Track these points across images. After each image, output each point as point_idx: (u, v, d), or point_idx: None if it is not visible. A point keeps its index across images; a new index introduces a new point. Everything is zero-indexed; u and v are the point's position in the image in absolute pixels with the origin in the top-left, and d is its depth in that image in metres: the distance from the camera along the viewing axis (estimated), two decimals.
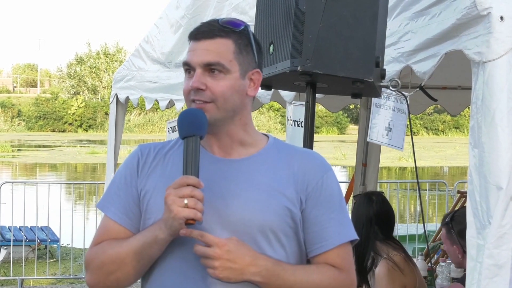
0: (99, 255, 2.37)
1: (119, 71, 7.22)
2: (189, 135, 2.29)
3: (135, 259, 2.31)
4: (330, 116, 58.41)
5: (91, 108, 59.89)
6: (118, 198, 2.42)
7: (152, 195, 2.37)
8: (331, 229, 2.39)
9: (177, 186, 2.23)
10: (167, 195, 2.23)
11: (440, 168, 31.23)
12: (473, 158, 2.93)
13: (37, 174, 27.12)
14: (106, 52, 68.50)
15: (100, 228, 2.44)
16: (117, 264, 2.33)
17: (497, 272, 2.83)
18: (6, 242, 10.34)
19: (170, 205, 2.22)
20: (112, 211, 2.41)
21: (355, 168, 7.58)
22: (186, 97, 2.40)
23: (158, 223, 2.28)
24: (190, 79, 2.37)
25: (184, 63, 2.40)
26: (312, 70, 3.10)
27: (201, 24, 2.43)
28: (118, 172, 2.49)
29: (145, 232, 2.32)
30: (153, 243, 2.29)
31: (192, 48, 2.39)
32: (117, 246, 2.34)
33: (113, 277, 2.34)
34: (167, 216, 2.24)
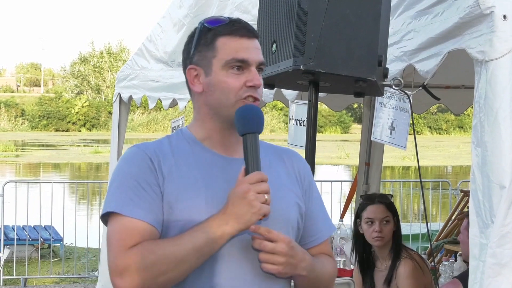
0: (145, 256, 2.22)
1: (122, 70, 7.22)
2: (253, 132, 2.32)
3: (195, 257, 2.23)
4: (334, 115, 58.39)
5: (95, 107, 59.96)
6: (141, 198, 2.29)
7: (178, 197, 2.31)
8: (322, 222, 2.56)
9: (255, 181, 2.25)
10: (247, 191, 2.23)
11: (444, 167, 31.21)
12: (476, 157, 2.93)
13: (40, 174, 27.15)
14: (110, 51, 68.57)
15: (124, 231, 2.27)
16: (174, 264, 2.22)
17: (500, 271, 2.82)
18: (10, 241, 10.34)
19: (252, 201, 2.23)
20: (138, 212, 2.27)
21: (358, 167, 7.57)
22: (234, 93, 2.37)
23: (222, 218, 2.24)
24: (239, 76, 2.37)
25: (239, 59, 2.37)
26: (315, 69, 3.10)
27: (242, 22, 2.43)
28: (125, 173, 2.35)
29: (204, 228, 2.24)
30: (219, 238, 2.24)
31: (245, 46, 2.38)
32: (171, 245, 2.23)
33: (164, 278, 2.23)
34: (245, 211, 2.23)
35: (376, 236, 4.67)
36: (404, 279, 4.56)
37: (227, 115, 2.38)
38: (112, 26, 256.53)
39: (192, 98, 2.49)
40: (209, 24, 2.42)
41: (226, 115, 2.39)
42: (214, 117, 2.42)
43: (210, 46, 2.40)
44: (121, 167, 2.37)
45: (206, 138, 2.42)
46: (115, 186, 2.35)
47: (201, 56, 2.41)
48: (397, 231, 4.76)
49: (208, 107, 2.42)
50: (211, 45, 2.39)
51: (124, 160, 2.39)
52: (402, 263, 4.61)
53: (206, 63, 2.40)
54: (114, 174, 2.38)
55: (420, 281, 4.58)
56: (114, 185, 2.35)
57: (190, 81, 2.45)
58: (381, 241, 4.69)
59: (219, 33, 2.39)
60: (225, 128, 2.41)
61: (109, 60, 67.69)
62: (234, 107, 2.36)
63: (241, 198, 2.23)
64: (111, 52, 68.55)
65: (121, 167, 2.37)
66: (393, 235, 4.73)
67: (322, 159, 30.55)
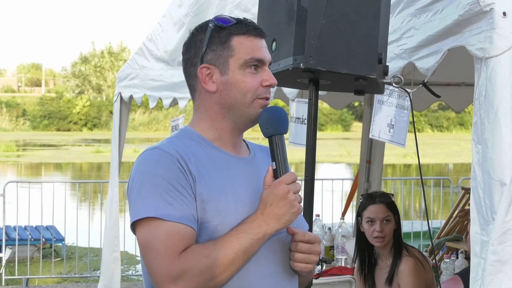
0: (200, 261, 2.22)
1: (122, 69, 7.22)
2: (280, 133, 2.38)
3: (242, 258, 2.27)
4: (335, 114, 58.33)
5: (96, 107, 59.95)
6: (179, 201, 2.26)
7: (209, 199, 2.30)
8: (301, 220, 2.58)
9: (291, 181, 2.31)
10: (288, 191, 2.29)
11: (445, 165, 31.21)
12: (476, 154, 2.93)
13: (42, 174, 27.17)
14: (111, 51, 68.56)
15: (170, 236, 2.23)
16: (225, 266, 2.24)
17: (501, 268, 2.82)
18: (12, 241, 10.35)
19: (293, 201, 2.29)
20: (181, 216, 2.25)
21: (359, 165, 7.58)
22: (252, 93, 2.39)
23: (261, 218, 2.28)
24: (256, 75, 2.40)
25: (257, 59, 2.40)
26: (315, 67, 3.09)
27: (251, 21, 2.45)
28: (157, 176, 2.28)
29: (247, 230, 2.27)
30: (261, 239, 2.28)
31: (260, 45, 2.42)
32: (222, 248, 2.24)
33: (215, 281, 2.24)
34: (286, 210, 2.28)
35: (377, 236, 4.68)
36: (405, 276, 4.56)
37: (241, 115, 2.40)
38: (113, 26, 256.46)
39: (198, 97, 2.46)
40: (222, 23, 2.41)
41: (241, 114, 2.40)
42: (226, 117, 2.42)
43: (226, 46, 2.39)
44: (147, 169, 2.30)
45: (217, 138, 2.43)
46: (146, 190, 2.27)
47: (216, 55, 2.40)
48: (397, 229, 4.76)
49: (220, 106, 2.41)
50: (227, 44, 2.39)
51: (148, 162, 2.32)
52: (403, 261, 4.62)
53: (222, 62, 2.39)
54: (140, 178, 2.31)
55: (422, 278, 4.58)
56: (144, 189, 2.28)
57: (202, 79, 2.41)
58: (382, 241, 4.70)
59: (233, 33, 2.40)
60: (236, 128, 2.43)
61: (110, 60, 67.67)
62: (250, 106, 2.39)
63: (282, 198, 2.29)
64: (111, 51, 68.53)
65: (147, 169, 2.30)
66: (394, 233, 4.74)
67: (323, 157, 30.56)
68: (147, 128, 55.28)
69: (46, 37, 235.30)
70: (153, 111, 53.98)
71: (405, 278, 4.57)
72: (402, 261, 4.62)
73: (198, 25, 2.49)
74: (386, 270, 4.72)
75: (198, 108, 2.46)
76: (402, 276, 4.58)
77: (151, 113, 55.43)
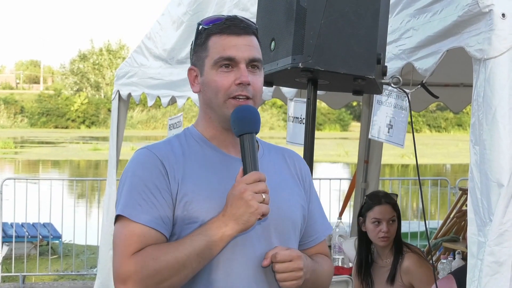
0: (147, 264, 2.21)
1: (121, 67, 7.22)
2: (249, 132, 2.31)
3: (196, 261, 2.23)
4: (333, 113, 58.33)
5: (94, 104, 59.90)
6: (149, 203, 2.28)
7: (193, 199, 2.30)
8: (319, 222, 2.57)
9: (252, 181, 2.24)
10: (244, 191, 2.22)
11: (443, 165, 31.22)
12: (474, 155, 2.93)
13: (39, 171, 27.14)
14: (109, 48, 68.50)
15: (130, 237, 2.25)
16: (176, 269, 2.21)
17: (498, 269, 2.82)
18: (8, 238, 10.33)
19: (249, 201, 2.21)
20: (145, 218, 2.26)
21: (357, 165, 7.57)
22: (223, 92, 2.37)
23: (221, 220, 2.24)
24: (228, 74, 2.37)
25: (226, 57, 2.37)
26: (314, 66, 3.09)
27: (233, 19, 2.42)
28: (136, 177, 2.33)
29: (204, 232, 2.24)
30: (218, 241, 2.24)
31: (234, 43, 2.38)
32: (172, 251, 2.23)
33: (166, 284, 2.22)
34: (243, 211, 2.22)
35: (383, 236, 4.71)
36: (415, 269, 4.57)
37: (220, 115, 2.40)
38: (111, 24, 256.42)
39: (198, 98, 2.52)
40: (204, 24, 2.43)
41: (219, 114, 2.40)
42: (212, 117, 2.43)
43: (204, 46, 2.42)
44: (132, 169, 2.35)
45: (213, 138, 2.44)
46: (126, 189, 2.33)
47: (197, 57, 2.45)
48: (398, 228, 4.79)
49: (206, 107, 2.44)
50: (204, 45, 2.41)
51: (135, 162, 2.37)
52: (406, 257, 4.64)
53: (201, 63, 2.43)
54: (125, 176, 2.36)
55: (429, 269, 4.58)
56: (125, 188, 2.33)
57: (191, 81, 2.47)
58: (387, 241, 4.73)
59: (211, 33, 2.41)
60: (223, 128, 2.42)
61: (108, 58, 67.62)
62: (224, 106, 2.37)
63: (238, 198, 2.23)
64: (110, 49, 68.46)
65: (132, 169, 2.35)
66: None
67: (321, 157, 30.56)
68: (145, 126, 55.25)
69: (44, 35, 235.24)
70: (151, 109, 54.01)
71: (415, 271, 4.57)
72: (404, 258, 4.64)
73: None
74: (386, 268, 4.73)
75: (199, 109, 2.52)
76: (411, 271, 4.59)
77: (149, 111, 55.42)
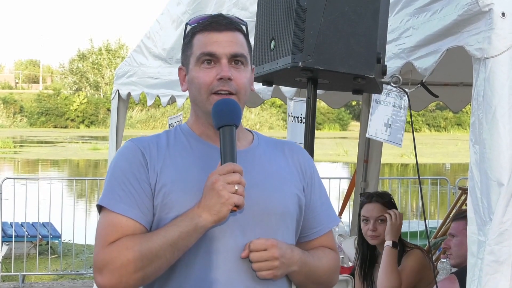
0: (121, 253, 2.24)
1: (120, 67, 7.22)
2: (227, 124, 2.31)
3: (170, 251, 2.25)
4: (332, 113, 58.34)
5: (93, 104, 59.87)
6: (128, 194, 2.31)
7: (172, 189, 2.32)
8: (323, 214, 2.56)
9: (225, 172, 2.24)
10: (215, 181, 2.22)
11: (442, 165, 31.21)
12: (474, 155, 2.93)
13: (39, 170, 27.13)
14: (108, 48, 68.46)
15: (108, 227, 2.30)
16: (149, 259, 2.23)
17: (498, 268, 2.83)
18: (8, 238, 10.33)
19: (220, 191, 2.22)
20: (123, 208, 2.30)
21: (356, 164, 7.57)
22: (205, 88, 2.38)
23: (196, 211, 2.25)
24: (210, 70, 2.38)
25: (207, 53, 2.38)
26: (313, 66, 3.09)
27: (216, 16, 2.44)
28: (117, 168, 2.38)
29: (178, 223, 2.26)
30: (192, 232, 2.24)
31: (214, 39, 2.39)
32: (146, 241, 2.25)
33: (140, 274, 2.24)
34: (214, 201, 2.22)
35: (371, 234, 4.71)
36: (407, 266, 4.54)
37: (204, 111, 2.42)
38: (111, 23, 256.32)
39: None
40: (190, 23, 2.46)
41: (203, 110, 2.42)
42: (198, 113, 2.46)
43: (189, 45, 2.45)
44: (114, 161, 2.41)
45: (202, 133, 2.46)
46: (107, 181, 2.38)
47: (184, 56, 2.48)
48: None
49: (193, 104, 2.48)
50: (189, 44, 2.45)
51: (118, 154, 2.43)
52: (409, 254, 4.61)
53: (187, 62, 2.46)
54: (109, 168, 2.44)
55: (423, 272, 4.57)
56: (107, 179, 2.40)
57: (180, 81, 2.51)
58: (376, 240, 4.72)
59: (196, 31, 2.44)
60: (210, 124, 2.42)
61: (108, 57, 67.58)
62: (207, 102, 2.39)
63: (210, 189, 2.24)
64: (109, 49, 68.42)
65: (114, 161, 2.41)
66: None
67: (320, 156, 30.55)
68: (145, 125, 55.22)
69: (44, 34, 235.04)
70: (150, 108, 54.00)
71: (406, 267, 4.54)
72: (407, 255, 4.61)
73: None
74: None
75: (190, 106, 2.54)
76: (406, 266, 4.55)
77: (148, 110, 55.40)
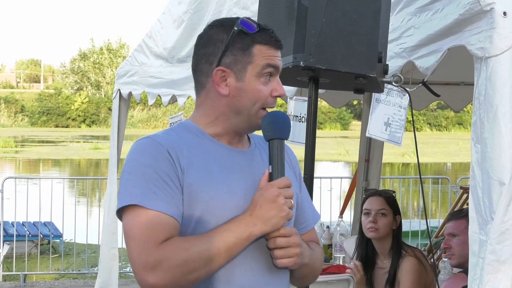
0: (178, 253, 2.22)
1: (122, 66, 7.22)
2: (281, 138, 2.38)
3: (226, 256, 2.26)
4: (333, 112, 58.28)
5: (94, 103, 59.87)
6: (163, 191, 2.27)
7: (198, 190, 2.31)
8: (309, 210, 2.65)
9: (283, 186, 2.31)
10: (278, 195, 2.29)
11: (443, 164, 31.20)
12: (475, 154, 2.93)
13: (40, 170, 27.14)
14: (109, 47, 68.47)
15: (152, 225, 2.24)
16: (204, 261, 2.23)
17: (499, 267, 2.83)
18: (9, 237, 10.34)
19: (282, 205, 2.29)
20: (162, 205, 2.26)
21: (358, 164, 7.57)
22: (261, 102, 2.40)
23: (249, 219, 2.28)
24: (267, 84, 2.41)
25: (273, 65, 2.41)
26: (315, 65, 3.10)
27: (272, 31, 2.46)
28: (142, 165, 2.30)
29: (233, 228, 2.27)
30: (245, 239, 2.28)
31: (275, 55, 2.43)
32: (203, 243, 2.24)
33: (194, 275, 2.24)
34: (274, 214, 2.28)
35: (370, 227, 4.70)
36: (405, 273, 4.57)
37: (244, 121, 2.42)
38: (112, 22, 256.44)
39: (205, 94, 2.46)
40: (247, 29, 2.40)
41: (244, 121, 2.42)
42: (230, 119, 2.43)
43: (247, 52, 2.39)
44: (136, 158, 2.33)
45: (215, 134, 2.43)
46: (133, 178, 2.30)
47: (235, 60, 2.40)
48: (397, 229, 4.77)
49: (227, 109, 2.42)
50: (248, 51, 2.40)
51: (139, 151, 2.35)
52: (404, 260, 4.62)
53: (240, 68, 2.40)
54: (129, 166, 2.33)
55: (422, 279, 4.58)
56: (131, 177, 2.30)
57: (216, 81, 2.41)
58: (375, 233, 4.71)
59: (256, 41, 2.40)
60: (236, 131, 2.44)
61: (109, 57, 67.59)
62: (256, 115, 2.41)
63: (271, 201, 2.28)
64: (110, 48, 68.44)
65: (136, 158, 2.33)
66: (393, 233, 4.75)
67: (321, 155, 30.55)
68: (146, 125, 55.22)
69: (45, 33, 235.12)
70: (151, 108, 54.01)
71: (404, 275, 4.57)
72: (403, 261, 4.63)
73: (219, 22, 2.48)
74: (385, 270, 4.72)
75: (202, 105, 2.47)
76: (403, 273, 4.59)
77: (149, 110, 55.41)
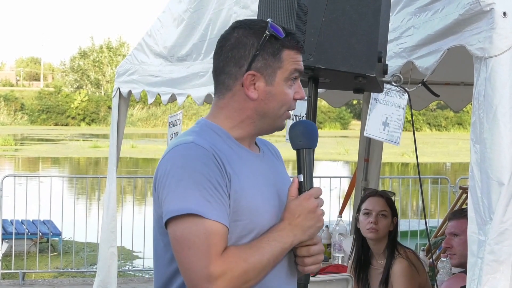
0: (239, 264, 2.24)
1: (121, 65, 7.22)
2: (310, 147, 2.43)
3: (273, 265, 2.32)
4: (333, 112, 58.30)
5: (94, 102, 59.83)
6: (216, 200, 2.25)
7: (242, 197, 2.31)
8: None
9: (317, 196, 2.37)
10: (316, 205, 2.35)
11: (443, 164, 31.21)
12: (475, 154, 2.94)
13: (39, 168, 27.14)
14: (109, 46, 68.44)
15: (210, 235, 2.22)
16: (258, 271, 2.27)
17: (498, 268, 2.83)
18: (8, 235, 10.34)
19: (320, 215, 2.36)
20: (217, 215, 2.24)
21: (357, 163, 7.57)
22: (287, 105, 2.44)
23: (289, 228, 2.33)
24: (292, 88, 2.44)
25: (299, 70, 2.44)
26: (315, 64, 3.10)
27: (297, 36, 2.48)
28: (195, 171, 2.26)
29: (278, 238, 2.31)
30: (287, 249, 2.34)
31: (300, 59, 2.46)
32: (257, 253, 2.28)
33: (248, 285, 2.27)
34: (312, 224, 2.34)
35: (370, 227, 4.69)
36: (397, 277, 4.57)
37: (270, 123, 2.45)
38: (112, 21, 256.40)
39: (230, 97, 2.43)
40: (278, 34, 2.41)
41: (269, 123, 2.44)
42: (256, 122, 2.44)
43: (277, 57, 2.41)
44: (185, 164, 2.27)
45: (239, 138, 2.43)
46: (185, 186, 2.24)
47: (265, 65, 2.40)
48: (393, 231, 4.76)
49: (254, 113, 2.42)
50: (278, 56, 2.41)
51: (186, 157, 2.29)
52: (396, 262, 4.62)
53: (270, 73, 2.40)
54: (178, 172, 2.27)
55: (415, 280, 4.57)
56: (183, 184, 2.25)
57: (246, 85, 2.40)
58: (375, 234, 4.70)
59: (285, 46, 2.42)
60: (258, 133, 2.48)
61: (109, 55, 67.57)
62: (281, 118, 2.44)
63: (311, 212, 2.34)
64: (110, 46, 68.40)
65: (185, 164, 2.27)
66: (389, 234, 4.74)
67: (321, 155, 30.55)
68: (145, 123, 55.24)
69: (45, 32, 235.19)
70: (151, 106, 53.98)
71: (396, 279, 4.57)
72: (395, 263, 4.62)
73: (246, 24, 2.45)
74: (380, 270, 4.72)
75: (227, 107, 2.44)
76: (394, 277, 4.59)
77: (149, 108, 55.38)
